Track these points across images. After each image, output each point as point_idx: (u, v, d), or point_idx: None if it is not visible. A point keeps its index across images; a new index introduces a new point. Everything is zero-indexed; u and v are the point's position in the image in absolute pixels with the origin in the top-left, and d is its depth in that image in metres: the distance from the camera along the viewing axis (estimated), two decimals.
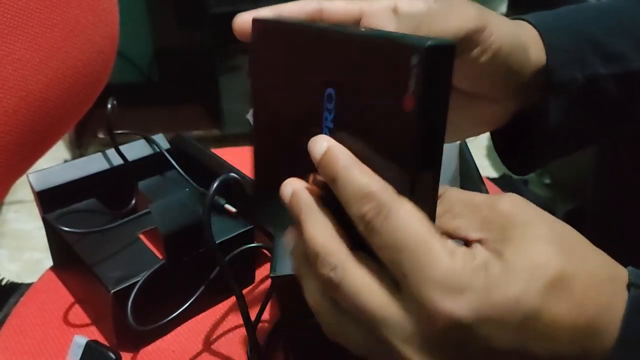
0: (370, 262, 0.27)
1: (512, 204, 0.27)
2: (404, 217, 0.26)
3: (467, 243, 0.28)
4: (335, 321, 0.29)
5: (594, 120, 0.43)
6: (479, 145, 0.59)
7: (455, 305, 0.24)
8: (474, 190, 0.29)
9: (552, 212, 0.28)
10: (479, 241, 0.27)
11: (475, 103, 0.40)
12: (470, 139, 0.50)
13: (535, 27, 0.40)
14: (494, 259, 0.26)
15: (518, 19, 0.41)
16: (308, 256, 0.29)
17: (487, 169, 1.62)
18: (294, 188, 0.30)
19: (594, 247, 0.28)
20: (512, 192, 0.29)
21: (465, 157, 0.55)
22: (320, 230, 0.28)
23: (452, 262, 0.25)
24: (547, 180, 1.57)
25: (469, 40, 0.35)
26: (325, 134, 0.30)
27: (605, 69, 0.41)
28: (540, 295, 0.25)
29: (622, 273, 0.27)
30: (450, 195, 0.29)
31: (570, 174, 1.39)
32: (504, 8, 1.79)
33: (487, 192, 0.49)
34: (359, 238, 0.27)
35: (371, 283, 0.27)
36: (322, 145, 0.29)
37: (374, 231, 0.26)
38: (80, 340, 0.50)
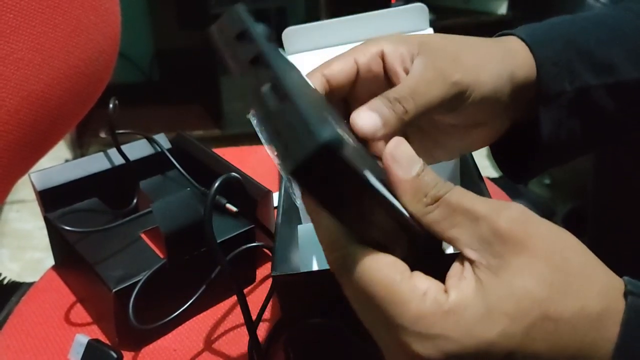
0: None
1: (513, 222, 0.27)
2: (368, 268, 0.26)
3: (461, 258, 0.28)
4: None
5: (589, 130, 0.43)
6: None
7: (427, 350, 0.25)
8: (474, 190, 0.29)
9: (552, 212, 0.28)
10: (472, 262, 0.27)
11: (467, 130, 0.40)
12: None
13: (524, 40, 0.40)
14: (475, 298, 0.26)
15: (508, 34, 0.42)
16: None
17: (487, 169, 1.62)
18: None
19: (594, 265, 0.27)
20: (512, 192, 0.29)
21: (465, 157, 0.55)
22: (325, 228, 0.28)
23: (421, 307, 0.25)
24: (547, 181, 1.57)
25: (452, 101, 0.36)
26: None
27: (596, 80, 0.41)
28: (520, 337, 0.25)
29: (616, 294, 0.27)
30: (452, 198, 0.28)
31: (570, 175, 1.40)
32: (504, 9, 1.79)
33: (487, 191, 0.49)
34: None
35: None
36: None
37: (342, 279, 0.27)
38: (81, 339, 0.50)
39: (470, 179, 0.54)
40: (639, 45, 0.42)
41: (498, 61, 0.39)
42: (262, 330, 0.52)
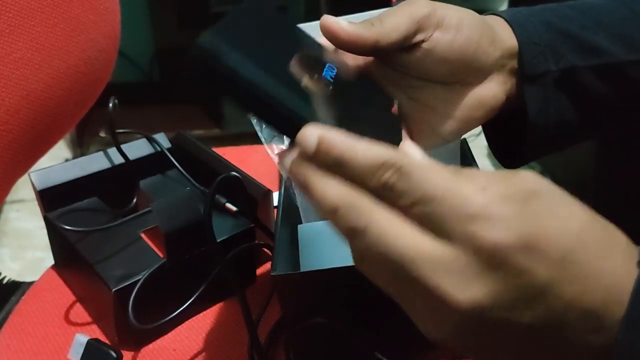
0: (397, 213, 0.27)
1: (533, 174, 0.27)
2: (425, 171, 0.26)
3: None
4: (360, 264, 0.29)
5: (582, 113, 0.43)
6: (480, 145, 0.59)
7: (499, 233, 0.24)
8: None
9: None
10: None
11: (457, 91, 0.41)
12: (471, 138, 0.50)
13: (507, 20, 0.41)
14: (530, 196, 0.26)
15: (490, 14, 0.43)
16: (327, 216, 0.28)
17: (487, 167, 1.63)
18: (291, 159, 0.29)
19: (618, 234, 0.28)
20: None
21: (466, 156, 0.55)
22: (333, 185, 0.28)
23: (485, 197, 0.25)
24: (547, 179, 1.57)
25: (426, 24, 0.37)
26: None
27: (582, 61, 0.41)
28: (577, 236, 0.25)
29: (632, 260, 0.27)
30: (467, 169, 0.29)
31: (570, 173, 1.40)
32: (504, 8, 1.79)
33: None
34: None
35: (400, 225, 0.26)
36: (312, 136, 0.28)
37: (401, 193, 0.26)
38: (81, 339, 0.50)
39: None
40: (626, 31, 0.42)
41: (478, 16, 0.40)
42: (262, 330, 0.52)
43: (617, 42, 0.42)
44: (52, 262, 0.62)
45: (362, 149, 0.27)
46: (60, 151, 1.74)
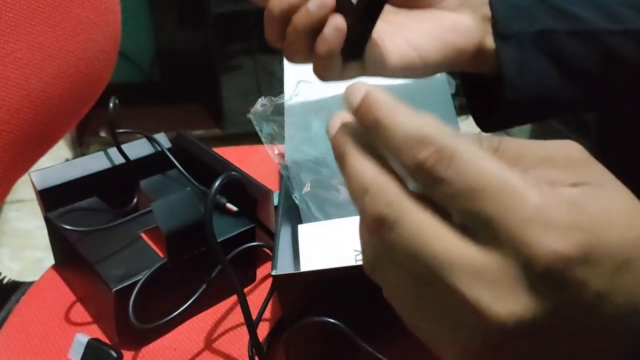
0: (432, 205, 0.23)
1: (580, 151, 0.25)
2: (472, 157, 0.22)
3: None
4: (378, 263, 0.25)
5: (564, 81, 0.43)
6: (471, 125, 0.59)
7: (558, 243, 0.21)
8: None
9: None
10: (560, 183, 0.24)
11: (431, 13, 0.43)
12: (461, 118, 0.51)
13: None
14: (587, 197, 0.22)
15: None
16: (355, 196, 0.25)
17: None
18: (341, 121, 0.26)
19: None
20: None
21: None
22: (369, 165, 0.24)
23: (542, 197, 0.21)
24: None
25: None
26: None
27: (558, 25, 0.42)
28: (635, 243, 0.22)
29: None
30: (508, 147, 0.25)
31: None
32: None
33: None
34: None
35: (438, 221, 0.23)
36: (359, 90, 0.25)
37: (439, 180, 0.22)
38: (81, 339, 0.50)
39: None
40: (607, 3, 0.43)
41: None
42: (262, 330, 0.52)
43: (596, 10, 0.42)
44: (52, 262, 0.62)
45: (404, 116, 0.24)
46: (60, 151, 1.74)
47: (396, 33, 0.42)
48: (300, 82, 0.57)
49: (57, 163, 0.60)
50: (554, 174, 0.24)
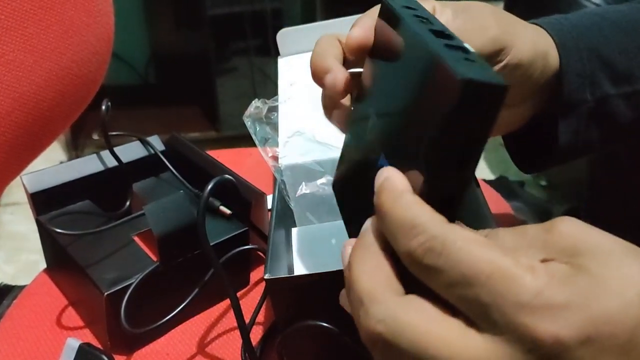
0: (429, 300, 0.23)
1: (572, 224, 0.24)
2: (463, 245, 0.22)
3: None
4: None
5: (603, 137, 0.43)
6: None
7: (558, 326, 0.21)
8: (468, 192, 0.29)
9: (549, 213, 0.28)
10: (542, 260, 0.23)
11: None
12: None
13: (553, 39, 0.40)
14: (579, 273, 0.22)
15: (535, 24, 0.42)
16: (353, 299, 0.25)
17: (483, 170, 1.63)
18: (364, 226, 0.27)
19: None
20: (508, 194, 0.29)
21: None
22: (367, 273, 0.25)
23: (536, 280, 0.21)
24: (544, 182, 1.57)
25: (488, 59, 0.36)
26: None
27: (615, 90, 0.41)
28: (637, 316, 0.22)
29: None
30: (498, 233, 0.26)
31: (566, 176, 1.40)
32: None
33: (482, 194, 0.48)
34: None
35: (435, 319, 0.23)
36: (381, 175, 0.26)
37: (432, 269, 0.23)
38: (73, 343, 0.50)
39: None
40: None
41: (533, 33, 0.39)
42: (255, 334, 0.52)
43: None
44: (46, 265, 0.62)
45: (404, 203, 0.24)
46: (54, 154, 1.73)
47: None
48: (294, 84, 0.57)
49: (51, 165, 0.59)
50: (546, 252, 0.24)
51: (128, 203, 0.62)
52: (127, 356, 0.52)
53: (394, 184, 0.25)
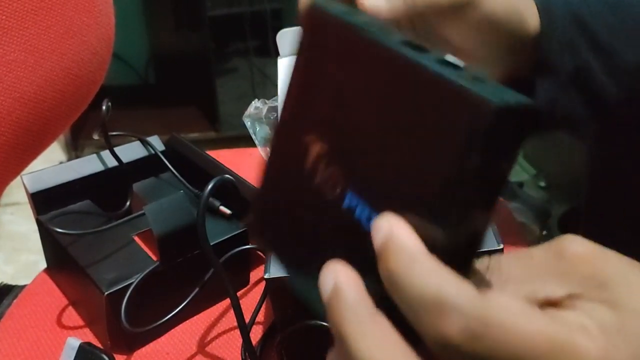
0: None
1: (581, 247, 0.22)
2: (509, 322, 0.19)
3: (553, 304, 0.22)
4: None
5: (588, 111, 0.43)
6: None
7: None
8: None
9: (548, 214, 0.27)
10: (570, 297, 0.21)
11: (465, 59, 0.39)
12: None
13: (536, 4, 0.40)
14: (621, 314, 0.21)
15: None
16: None
17: None
18: (336, 281, 0.21)
19: None
20: (507, 195, 0.28)
21: None
22: (379, 346, 0.20)
23: (594, 341, 0.19)
24: (542, 183, 1.57)
25: (460, 9, 0.36)
26: None
27: (597, 61, 0.41)
28: None
29: None
30: (501, 261, 0.23)
31: (565, 177, 1.40)
32: None
33: None
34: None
35: None
36: (381, 228, 0.21)
37: (476, 356, 0.19)
38: (73, 343, 0.50)
39: None
40: None
41: None
42: (255, 333, 0.52)
43: (632, 41, 0.41)
44: (45, 265, 0.62)
45: (421, 270, 0.20)
46: (54, 154, 1.73)
47: None
48: None
49: (51, 166, 0.60)
50: (568, 285, 0.22)
51: (128, 203, 0.62)
52: (128, 356, 0.52)
53: (404, 244, 0.20)
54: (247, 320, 0.48)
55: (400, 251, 0.20)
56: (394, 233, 0.21)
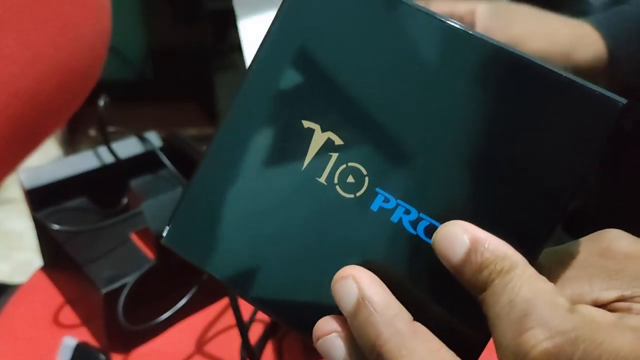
0: None
1: (625, 242, 0.22)
2: (601, 334, 0.18)
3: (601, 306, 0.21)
4: None
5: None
6: None
7: None
8: None
9: None
10: (623, 299, 0.21)
11: None
12: None
13: (598, 30, 0.42)
14: None
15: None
16: None
17: None
18: (362, 290, 0.20)
19: None
20: None
21: None
22: None
23: None
24: None
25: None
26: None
27: None
28: None
29: None
30: (542, 258, 0.22)
31: None
32: None
33: None
34: None
35: None
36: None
37: None
38: (69, 342, 0.49)
39: None
40: None
41: (550, 28, 0.40)
42: (254, 332, 0.51)
43: None
44: (42, 263, 0.61)
45: (526, 276, 0.19)
46: (51, 150, 1.72)
47: None
48: None
49: (47, 162, 0.59)
50: (619, 286, 0.21)
51: (125, 200, 0.61)
52: (125, 355, 0.51)
53: (510, 256, 0.20)
54: (246, 319, 0.47)
55: (508, 263, 0.19)
56: (497, 246, 0.20)
